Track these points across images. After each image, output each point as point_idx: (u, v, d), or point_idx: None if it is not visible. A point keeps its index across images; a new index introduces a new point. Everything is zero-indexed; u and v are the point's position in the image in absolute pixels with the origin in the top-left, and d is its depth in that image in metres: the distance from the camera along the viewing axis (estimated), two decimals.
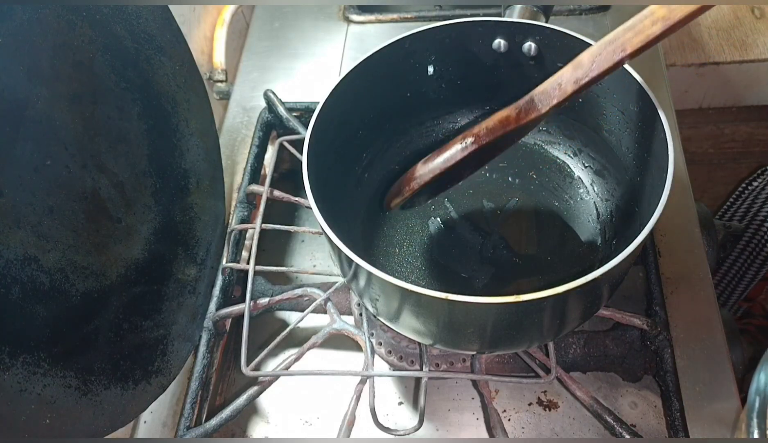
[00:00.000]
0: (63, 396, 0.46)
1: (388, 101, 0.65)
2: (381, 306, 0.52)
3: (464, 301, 0.42)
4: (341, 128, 0.60)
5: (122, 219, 0.55)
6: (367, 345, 0.61)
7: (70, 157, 0.49)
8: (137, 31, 0.57)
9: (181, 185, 0.64)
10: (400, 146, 0.71)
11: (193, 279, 0.65)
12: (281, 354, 0.67)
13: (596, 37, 0.58)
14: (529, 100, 0.53)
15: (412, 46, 0.61)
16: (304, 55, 0.92)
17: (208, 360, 0.65)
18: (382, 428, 0.57)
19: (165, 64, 0.61)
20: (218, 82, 0.88)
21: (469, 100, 0.70)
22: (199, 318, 0.66)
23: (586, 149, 0.67)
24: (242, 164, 0.80)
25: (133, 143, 0.57)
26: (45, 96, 0.46)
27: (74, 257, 0.49)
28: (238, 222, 0.73)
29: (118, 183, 0.54)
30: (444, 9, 0.91)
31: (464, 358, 0.62)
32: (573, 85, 0.49)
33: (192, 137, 0.65)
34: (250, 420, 0.65)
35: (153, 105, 0.59)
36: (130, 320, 0.55)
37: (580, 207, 0.66)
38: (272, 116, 0.82)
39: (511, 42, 0.62)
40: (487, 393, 0.60)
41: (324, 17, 0.96)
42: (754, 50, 0.91)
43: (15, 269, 0.43)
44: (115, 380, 0.52)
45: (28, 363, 0.43)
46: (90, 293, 0.50)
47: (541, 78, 0.63)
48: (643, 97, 0.51)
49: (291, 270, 0.73)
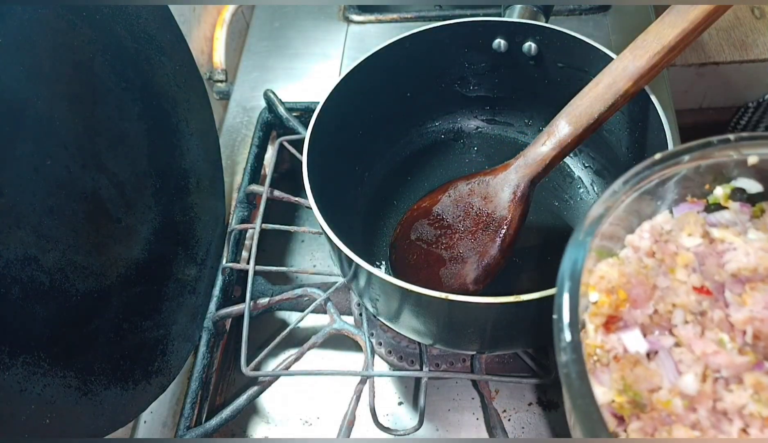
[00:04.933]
0: (63, 396, 0.46)
1: (388, 101, 0.65)
2: (381, 306, 0.52)
3: (464, 301, 0.42)
4: (341, 128, 0.60)
5: (122, 219, 0.55)
6: (367, 345, 0.61)
7: (70, 157, 0.49)
8: (137, 31, 0.57)
9: (181, 185, 0.64)
10: (400, 146, 0.71)
11: (193, 279, 0.65)
12: (281, 354, 0.67)
13: (596, 37, 0.58)
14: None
15: (412, 46, 0.61)
16: (304, 55, 0.92)
17: (208, 360, 0.65)
18: (382, 428, 0.57)
19: (165, 64, 0.61)
20: (218, 82, 0.88)
21: (469, 100, 0.70)
22: (199, 318, 0.66)
23: (586, 149, 0.67)
24: (242, 164, 0.80)
25: (133, 143, 0.57)
26: (45, 96, 0.46)
27: (74, 257, 0.49)
28: (238, 222, 0.73)
29: (118, 183, 0.54)
30: (444, 9, 0.91)
31: (464, 358, 0.62)
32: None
33: (192, 137, 0.65)
34: (250, 420, 0.65)
35: (153, 105, 0.59)
36: (130, 320, 0.55)
37: (580, 207, 0.66)
38: (272, 116, 0.82)
39: (511, 42, 0.62)
40: (487, 393, 0.60)
41: (324, 17, 0.96)
42: (754, 50, 0.91)
43: (15, 269, 0.43)
44: (115, 380, 0.52)
45: (28, 363, 0.43)
46: (90, 293, 0.50)
47: (541, 78, 0.63)
48: (643, 97, 0.51)
49: (291, 270, 0.73)
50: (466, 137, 0.73)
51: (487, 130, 0.73)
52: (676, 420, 0.29)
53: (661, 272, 0.34)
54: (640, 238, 0.35)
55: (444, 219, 0.60)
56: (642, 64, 0.47)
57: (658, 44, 0.46)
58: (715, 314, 0.32)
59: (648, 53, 0.46)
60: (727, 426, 0.29)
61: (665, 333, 0.32)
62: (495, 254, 0.56)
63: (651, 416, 0.30)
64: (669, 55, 0.46)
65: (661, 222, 0.36)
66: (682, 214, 0.36)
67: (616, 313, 0.32)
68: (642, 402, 0.30)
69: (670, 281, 0.33)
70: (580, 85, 0.51)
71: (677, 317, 0.32)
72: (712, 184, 0.36)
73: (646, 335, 0.32)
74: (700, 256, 0.34)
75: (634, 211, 0.36)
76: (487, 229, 0.57)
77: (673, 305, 0.32)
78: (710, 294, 0.33)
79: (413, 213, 0.62)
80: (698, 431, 0.29)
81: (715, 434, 0.29)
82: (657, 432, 0.29)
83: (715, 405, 0.30)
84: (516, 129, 0.72)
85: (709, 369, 0.30)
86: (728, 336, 0.31)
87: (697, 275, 0.33)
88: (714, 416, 0.29)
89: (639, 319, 0.32)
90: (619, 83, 0.48)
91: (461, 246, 0.58)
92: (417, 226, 0.61)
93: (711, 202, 0.37)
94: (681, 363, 0.31)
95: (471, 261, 0.57)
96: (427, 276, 0.58)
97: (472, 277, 0.56)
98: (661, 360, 0.31)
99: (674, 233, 0.35)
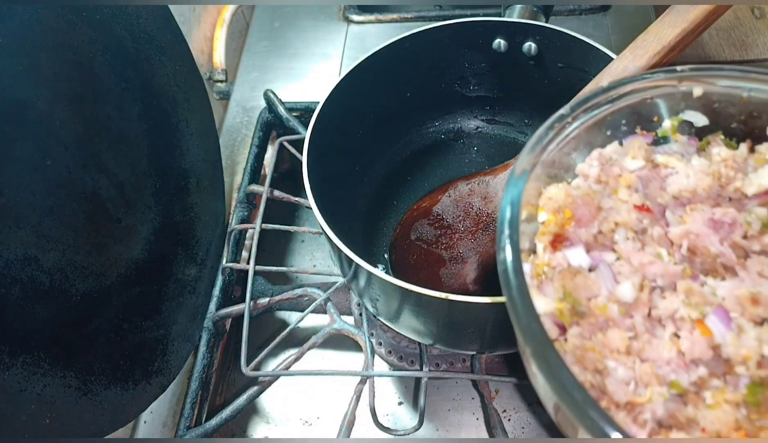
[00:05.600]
0: (63, 396, 0.46)
1: (388, 101, 0.65)
2: (381, 306, 0.52)
3: (464, 301, 0.42)
4: (341, 128, 0.60)
5: (122, 219, 0.55)
6: (367, 345, 0.61)
7: (70, 157, 0.49)
8: (137, 31, 0.57)
9: (181, 185, 0.64)
10: (400, 146, 0.71)
11: (193, 279, 0.65)
12: (281, 354, 0.67)
13: (596, 37, 0.58)
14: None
15: (412, 46, 0.61)
16: (304, 55, 0.92)
17: (208, 360, 0.65)
18: (382, 428, 0.57)
19: (165, 64, 0.61)
20: (218, 82, 0.88)
21: (469, 100, 0.70)
22: (199, 318, 0.66)
23: None
24: (242, 164, 0.80)
25: (133, 143, 0.57)
26: (45, 96, 0.46)
27: (74, 257, 0.49)
28: (238, 222, 0.73)
29: (118, 183, 0.54)
30: (444, 9, 0.91)
31: (464, 358, 0.62)
32: None
33: (192, 137, 0.65)
34: (250, 420, 0.65)
35: (153, 105, 0.59)
36: (130, 320, 0.55)
37: None
38: (272, 116, 0.82)
39: (511, 42, 0.62)
40: (487, 393, 0.60)
41: (324, 17, 0.96)
42: (754, 50, 0.91)
43: (15, 269, 0.43)
44: (115, 380, 0.52)
45: (28, 363, 0.43)
46: (90, 293, 0.50)
47: (541, 78, 0.63)
48: None
49: (291, 270, 0.73)
50: (466, 137, 0.73)
51: (487, 130, 0.73)
52: (612, 325, 0.31)
53: (606, 194, 0.35)
54: (589, 166, 0.36)
55: (444, 219, 0.60)
56: (642, 64, 0.47)
57: (658, 44, 0.46)
58: (654, 232, 0.33)
59: (648, 53, 0.46)
60: (660, 331, 0.31)
61: (607, 251, 0.34)
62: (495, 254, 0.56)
63: (588, 322, 0.31)
64: (669, 55, 0.46)
65: (610, 151, 0.37)
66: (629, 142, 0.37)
67: (562, 231, 0.34)
68: (580, 309, 0.31)
69: (614, 202, 0.35)
70: (580, 85, 0.51)
71: (619, 234, 0.34)
72: (660, 116, 0.38)
73: (589, 252, 0.34)
74: (643, 179, 0.35)
75: (587, 142, 0.37)
76: (487, 229, 0.57)
77: (616, 224, 0.34)
78: (651, 212, 0.34)
79: (413, 213, 0.62)
80: (632, 333, 0.31)
81: (649, 338, 0.30)
82: (594, 336, 0.30)
83: (651, 312, 0.31)
84: (516, 129, 0.72)
85: (646, 280, 0.32)
86: (666, 251, 0.33)
87: (639, 195, 0.35)
88: (648, 322, 0.31)
89: (583, 237, 0.34)
90: None
91: (461, 246, 0.58)
92: (417, 226, 0.61)
93: (660, 134, 0.38)
94: (619, 275, 0.32)
95: (471, 261, 0.57)
96: (427, 276, 0.58)
97: (472, 277, 0.56)
98: (600, 271, 0.33)
99: (619, 159, 0.37)
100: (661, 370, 0.29)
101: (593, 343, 0.30)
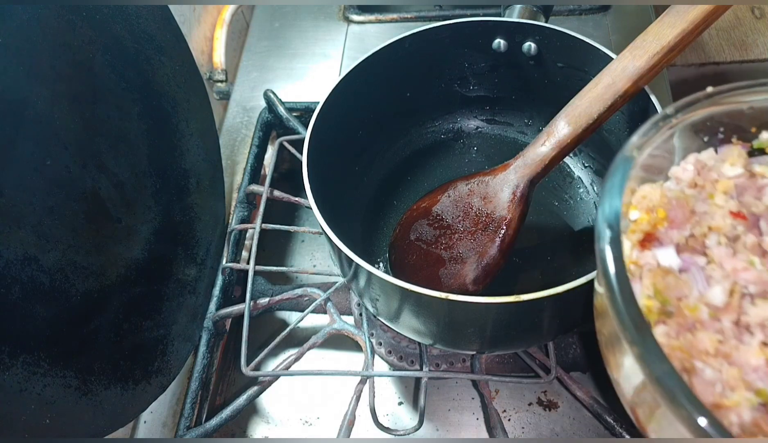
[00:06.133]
0: (63, 396, 0.46)
1: (388, 101, 0.65)
2: (381, 306, 0.52)
3: (464, 301, 0.42)
4: (341, 128, 0.60)
5: (122, 219, 0.55)
6: (367, 345, 0.61)
7: (70, 157, 0.49)
8: (137, 31, 0.57)
9: (181, 185, 0.64)
10: (400, 146, 0.71)
11: (193, 279, 0.65)
12: (281, 354, 0.67)
13: (596, 37, 0.58)
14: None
15: (411, 46, 0.61)
16: (304, 55, 0.92)
17: (208, 360, 0.65)
18: (382, 428, 0.57)
19: (165, 64, 0.61)
20: (218, 82, 0.88)
21: (469, 100, 0.70)
22: (199, 318, 0.66)
23: (586, 149, 0.67)
24: (242, 164, 0.80)
25: (133, 143, 0.57)
26: (45, 96, 0.46)
27: (74, 257, 0.49)
28: (238, 222, 0.73)
29: (118, 183, 0.54)
30: (444, 9, 0.91)
31: (464, 358, 0.62)
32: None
33: (192, 137, 0.65)
34: (250, 420, 0.65)
35: (153, 105, 0.59)
36: (130, 320, 0.55)
37: (580, 207, 0.66)
38: (272, 116, 0.82)
39: (511, 42, 0.62)
40: (487, 393, 0.60)
41: (324, 17, 0.96)
42: (754, 50, 0.91)
43: (15, 269, 0.43)
44: (115, 380, 0.52)
45: (28, 363, 0.43)
46: (90, 293, 0.50)
47: (541, 78, 0.63)
48: (643, 97, 0.51)
49: (291, 270, 0.73)
50: (466, 137, 0.73)
51: (487, 130, 0.73)
52: (701, 327, 0.31)
53: (701, 198, 0.35)
54: (684, 170, 0.36)
55: (443, 219, 0.60)
56: (641, 64, 0.47)
57: (657, 44, 0.46)
58: (747, 239, 0.33)
59: (647, 53, 0.46)
60: (749, 337, 0.30)
61: (698, 255, 0.33)
62: (494, 254, 0.56)
63: (677, 321, 0.31)
64: (668, 55, 0.46)
65: (705, 158, 0.37)
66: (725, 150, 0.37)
67: (653, 231, 0.34)
68: (669, 308, 0.31)
69: (708, 206, 0.34)
70: (580, 85, 0.51)
71: (712, 239, 0.33)
72: (758, 128, 0.37)
73: (679, 254, 0.33)
74: (739, 187, 0.35)
75: (680, 148, 0.37)
76: (487, 229, 0.57)
77: (709, 228, 0.34)
78: (746, 219, 0.34)
79: (413, 213, 0.62)
80: (720, 337, 0.30)
81: (737, 344, 0.30)
82: (681, 335, 0.30)
83: (740, 318, 0.31)
84: (516, 129, 0.72)
85: (737, 285, 0.32)
86: (758, 260, 0.32)
87: (734, 201, 0.34)
88: (737, 328, 0.31)
89: (675, 239, 0.34)
90: (618, 84, 0.48)
91: (461, 246, 0.58)
92: (416, 226, 0.61)
93: (755, 146, 0.37)
94: (711, 279, 0.32)
95: (470, 261, 0.57)
96: (426, 276, 0.58)
97: (472, 277, 0.56)
98: (692, 273, 0.32)
99: (717, 165, 0.36)
100: (748, 376, 0.29)
101: (680, 342, 0.30)
